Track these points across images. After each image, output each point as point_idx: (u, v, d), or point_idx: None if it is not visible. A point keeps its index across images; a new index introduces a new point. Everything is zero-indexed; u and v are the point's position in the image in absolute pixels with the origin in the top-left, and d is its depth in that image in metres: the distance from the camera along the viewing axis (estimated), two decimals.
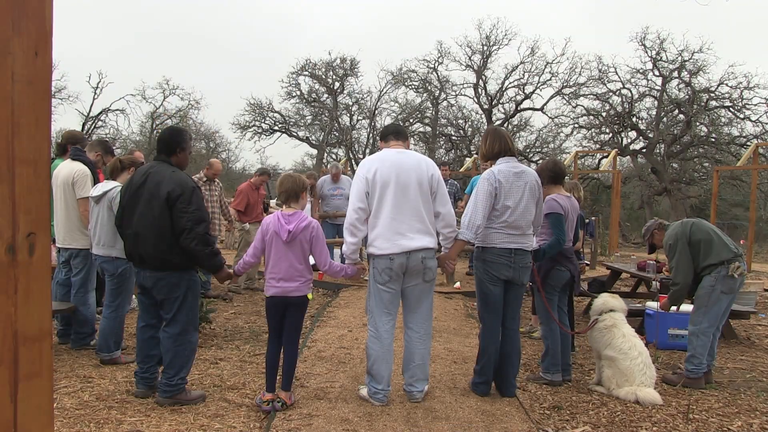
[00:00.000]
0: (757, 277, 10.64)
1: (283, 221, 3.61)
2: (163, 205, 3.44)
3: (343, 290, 8.17)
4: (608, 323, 4.30)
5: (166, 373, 3.61)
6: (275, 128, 29.62)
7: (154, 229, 3.48)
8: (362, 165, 3.85)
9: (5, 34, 0.96)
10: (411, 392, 3.82)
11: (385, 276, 3.70)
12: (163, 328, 3.67)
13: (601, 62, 24.43)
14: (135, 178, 3.69)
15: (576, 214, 4.75)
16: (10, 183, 0.97)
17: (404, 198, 3.68)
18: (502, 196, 3.94)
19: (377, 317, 3.77)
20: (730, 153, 22.02)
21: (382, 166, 3.72)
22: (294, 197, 3.73)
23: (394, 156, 3.79)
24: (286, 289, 3.62)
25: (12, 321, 0.98)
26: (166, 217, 3.45)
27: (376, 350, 3.74)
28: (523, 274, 4.01)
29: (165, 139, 3.72)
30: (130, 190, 3.66)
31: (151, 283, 3.61)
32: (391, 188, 3.68)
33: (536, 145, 26.71)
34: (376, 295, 3.78)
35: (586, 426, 3.60)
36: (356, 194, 3.75)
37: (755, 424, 3.71)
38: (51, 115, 1.05)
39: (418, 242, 3.69)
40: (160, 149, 3.72)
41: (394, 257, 3.66)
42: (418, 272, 3.73)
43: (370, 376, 3.76)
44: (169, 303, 3.61)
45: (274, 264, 3.63)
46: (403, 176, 3.70)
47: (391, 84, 27.98)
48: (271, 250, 3.65)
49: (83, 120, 27.62)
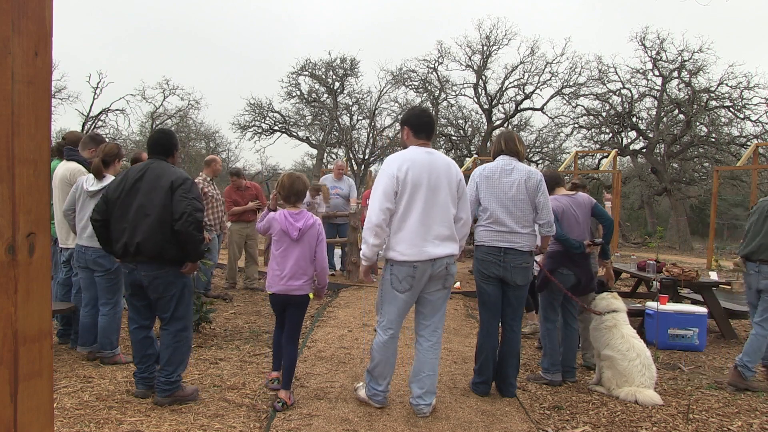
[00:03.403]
0: None
1: (291, 219, 3.66)
2: (166, 193, 3.50)
3: (343, 290, 8.17)
4: (609, 324, 4.30)
5: (164, 370, 3.61)
6: (275, 128, 29.64)
7: (154, 217, 3.48)
8: (391, 162, 3.54)
9: (5, 34, 0.96)
10: (418, 405, 3.59)
11: (406, 284, 3.48)
12: (162, 327, 3.68)
13: (601, 62, 24.50)
14: (131, 173, 3.65)
15: (585, 209, 4.58)
16: (10, 183, 0.97)
17: (434, 202, 3.48)
18: (483, 192, 3.98)
19: (390, 322, 3.58)
20: (730, 153, 22.02)
21: (414, 166, 3.47)
22: (302, 197, 3.81)
23: (424, 156, 3.54)
24: (290, 287, 3.66)
25: (12, 321, 0.98)
26: (168, 205, 3.49)
27: (382, 353, 3.59)
28: (516, 275, 3.94)
29: (162, 141, 3.78)
30: (125, 184, 3.60)
31: (147, 282, 3.57)
32: (423, 191, 3.45)
33: (536, 145, 26.73)
34: (392, 302, 3.55)
35: (586, 426, 3.60)
36: (384, 193, 3.44)
37: (755, 424, 3.71)
38: (51, 115, 1.05)
39: (444, 249, 3.51)
40: (158, 150, 3.73)
41: (418, 265, 3.45)
42: (440, 278, 3.55)
43: (371, 376, 3.66)
44: (165, 302, 3.61)
45: (279, 262, 3.66)
46: (434, 179, 3.49)
47: (391, 84, 28.02)
48: (277, 248, 3.68)
49: (83, 120, 27.62)
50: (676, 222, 22.30)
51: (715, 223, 14.18)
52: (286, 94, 28.76)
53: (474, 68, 26.54)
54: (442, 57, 26.83)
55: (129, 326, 3.81)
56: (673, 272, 6.36)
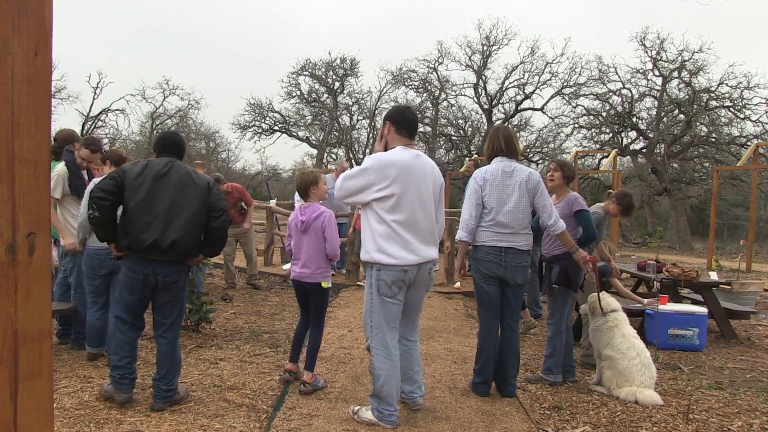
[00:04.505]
0: (757, 277, 10.64)
1: (299, 213, 4.09)
2: (204, 192, 3.55)
3: (343, 290, 8.17)
4: (610, 324, 4.30)
5: (165, 378, 3.55)
6: (275, 128, 29.66)
7: (189, 215, 3.47)
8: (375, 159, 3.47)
9: (5, 34, 0.96)
10: (414, 399, 3.65)
11: (395, 288, 3.41)
12: (161, 334, 3.59)
13: (601, 62, 24.51)
14: (152, 166, 3.51)
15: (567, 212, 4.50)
16: (10, 183, 0.97)
17: (422, 206, 3.46)
18: (487, 195, 3.97)
19: (386, 332, 3.43)
20: (730, 153, 22.02)
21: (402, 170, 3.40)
22: (304, 192, 4.13)
23: (412, 159, 3.47)
24: (302, 275, 4.04)
25: (12, 321, 0.98)
26: (204, 204, 3.54)
27: (386, 369, 3.40)
28: (516, 274, 3.96)
29: (180, 143, 3.75)
30: (146, 175, 3.45)
31: (164, 283, 3.48)
32: (411, 195, 3.41)
33: (536, 145, 26.73)
34: (382, 310, 3.43)
35: (586, 426, 3.60)
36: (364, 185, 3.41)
37: (755, 424, 3.71)
38: (51, 115, 1.05)
39: (430, 252, 3.52)
40: (174, 151, 3.66)
41: (408, 269, 3.40)
42: (424, 284, 3.55)
43: (379, 398, 3.41)
44: (172, 306, 3.57)
45: (295, 252, 4.12)
46: (422, 183, 3.46)
47: (391, 84, 28.03)
48: (293, 240, 4.13)
49: (83, 120, 27.63)
50: (676, 222, 22.30)
51: (715, 223, 14.17)
52: (286, 94, 28.79)
53: (474, 68, 26.57)
54: (442, 57, 26.86)
55: (119, 326, 3.57)
56: (673, 272, 6.36)
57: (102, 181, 3.44)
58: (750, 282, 7.36)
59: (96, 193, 3.37)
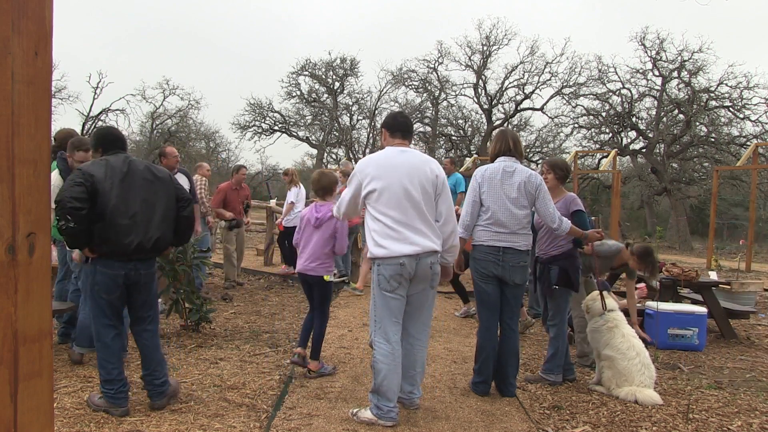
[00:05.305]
0: (756, 276, 10.64)
1: (314, 210, 4.39)
2: (169, 184, 3.58)
3: (343, 290, 8.17)
4: (610, 324, 4.29)
5: (156, 372, 3.51)
6: (275, 128, 29.67)
7: (162, 211, 3.49)
8: (358, 165, 3.65)
9: (5, 34, 0.96)
10: (412, 399, 3.66)
11: (394, 283, 3.43)
12: (144, 328, 3.55)
13: (601, 62, 24.53)
14: (114, 165, 3.37)
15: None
16: (10, 183, 0.97)
17: (409, 200, 3.46)
18: (485, 194, 3.98)
19: (388, 327, 3.46)
20: (729, 153, 22.03)
21: (380, 166, 3.52)
22: (329, 192, 4.48)
23: (396, 155, 3.56)
24: (307, 268, 4.33)
25: (12, 321, 0.98)
26: (171, 197, 3.58)
27: (388, 364, 3.41)
28: (514, 274, 3.96)
29: (122, 137, 3.75)
30: (113, 176, 3.31)
31: (144, 279, 3.48)
32: (394, 189, 3.45)
33: (536, 145, 26.74)
34: (383, 304, 3.48)
35: (586, 426, 3.60)
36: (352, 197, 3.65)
37: (755, 424, 3.71)
38: (51, 115, 1.05)
39: (425, 242, 3.47)
40: (119, 145, 3.57)
41: (405, 261, 3.41)
42: (426, 279, 3.52)
43: (378, 394, 3.43)
44: (151, 299, 3.60)
45: (303, 246, 4.41)
46: (405, 177, 3.48)
47: (391, 84, 28.04)
48: (303, 235, 4.42)
49: (83, 120, 27.63)
50: (676, 222, 22.30)
51: (714, 223, 14.18)
52: (286, 94, 28.81)
53: (474, 68, 26.57)
54: (442, 57, 26.87)
55: (106, 334, 3.42)
56: (672, 272, 6.36)
57: (70, 189, 3.15)
58: (749, 282, 7.37)
59: (70, 203, 3.11)
